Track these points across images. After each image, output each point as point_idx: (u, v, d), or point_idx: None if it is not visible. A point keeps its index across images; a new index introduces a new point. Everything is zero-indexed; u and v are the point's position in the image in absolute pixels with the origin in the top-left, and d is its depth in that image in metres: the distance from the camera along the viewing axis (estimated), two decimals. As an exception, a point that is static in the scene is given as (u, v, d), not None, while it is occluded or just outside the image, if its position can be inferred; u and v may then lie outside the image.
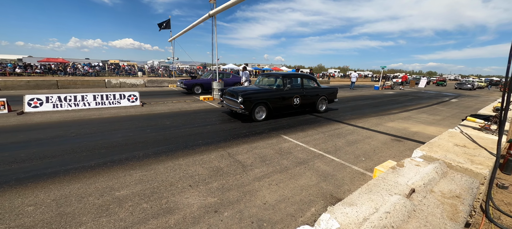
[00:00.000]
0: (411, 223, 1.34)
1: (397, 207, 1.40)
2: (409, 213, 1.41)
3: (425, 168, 2.02)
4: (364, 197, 1.57)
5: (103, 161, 3.35)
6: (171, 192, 2.59)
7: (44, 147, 3.84)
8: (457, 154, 2.33)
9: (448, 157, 2.27)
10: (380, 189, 1.67)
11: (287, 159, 3.62)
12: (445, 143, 2.68)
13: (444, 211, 1.47)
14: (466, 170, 2.05)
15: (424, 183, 1.76)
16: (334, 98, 8.12)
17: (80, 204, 2.32)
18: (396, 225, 1.29)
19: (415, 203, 1.53)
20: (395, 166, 2.10)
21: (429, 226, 1.32)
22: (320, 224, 1.28)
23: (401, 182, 1.79)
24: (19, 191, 2.50)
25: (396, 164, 2.15)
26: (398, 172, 1.97)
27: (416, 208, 1.47)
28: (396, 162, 2.28)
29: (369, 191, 1.65)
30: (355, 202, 1.50)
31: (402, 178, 1.86)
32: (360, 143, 4.59)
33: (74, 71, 29.51)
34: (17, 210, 2.18)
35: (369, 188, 1.68)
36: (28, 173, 2.92)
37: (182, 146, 4.07)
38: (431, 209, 1.48)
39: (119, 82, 15.39)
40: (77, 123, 5.52)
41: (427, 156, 2.35)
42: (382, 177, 1.87)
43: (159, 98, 10.33)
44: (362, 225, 1.26)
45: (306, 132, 5.24)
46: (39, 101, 6.62)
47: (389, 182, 1.78)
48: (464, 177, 1.92)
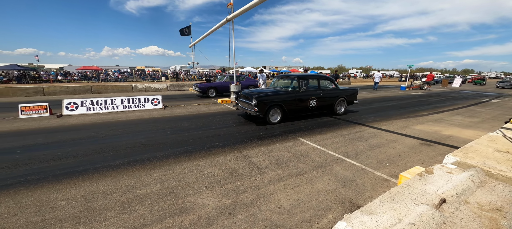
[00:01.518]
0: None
1: (424, 219, 1.26)
2: (439, 226, 1.26)
3: (458, 175, 1.81)
4: (386, 205, 1.44)
5: (127, 160, 3.56)
6: (187, 192, 2.65)
7: (77, 147, 4.21)
8: (499, 161, 2.06)
9: (487, 164, 2.02)
10: (405, 198, 1.53)
11: (303, 163, 3.52)
12: (484, 149, 2.39)
13: (482, 225, 1.30)
14: (510, 180, 1.80)
15: (457, 192, 1.57)
16: (354, 99, 7.75)
17: (105, 200, 2.48)
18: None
19: (445, 215, 1.37)
20: (422, 172, 1.92)
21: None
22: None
23: (430, 191, 1.62)
24: (55, 186, 2.76)
25: (424, 170, 1.97)
26: (426, 180, 1.79)
27: (447, 221, 1.32)
28: (424, 169, 2.08)
29: (391, 199, 1.52)
30: (375, 211, 1.39)
31: (430, 186, 1.69)
32: (383, 147, 4.30)
33: (106, 77, 32.13)
34: (52, 204, 2.41)
35: (391, 196, 1.55)
36: (63, 170, 3.21)
37: (199, 148, 4.17)
38: (465, 222, 1.32)
39: (144, 87, 16.39)
40: (106, 125, 5.97)
41: (462, 162, 2.11)
42: (408, 184, 1.72)
43: (180, 101, 10.77)
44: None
45: (325, 135, 5.06)
46: (75, 105, 7.31)
47: (415, 190, 1.63)
48: (507, 188, 1.68)
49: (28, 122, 6.19)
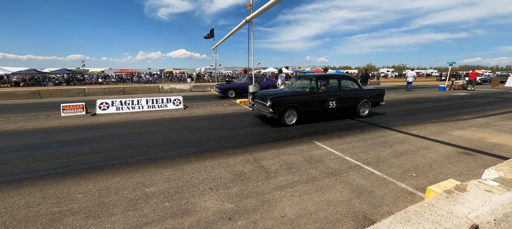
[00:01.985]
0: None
1: (445, 250, 1.02)
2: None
3: (500, 196, 1.47)
4: (398, 228, 1.21)
5: (142, 158, 3.73)
6: (192, 193, 2.65)
7: (102, 144, 4.55)
8: (561, 180, 1.63)
9: (544, 183, 1.61)
10: (424, 220, 1.27)
11: (316, 168, 3.28)
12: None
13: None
14: None
15: (496, 218, 1.26)
16: (379, 101, 7.12)
17: (116, 196, 2.60)
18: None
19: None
20: (452, 189, 1.60)
21: None
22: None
23: (459, 213, 1.33)
24: (76, 180, 2.99)
25: (455, 187, 1.64)
26: (456, 199, 1.48)
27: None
28: (457, 183, 1.74)
29: (406, 220, 1.28)
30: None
31: (460, 207, 1.39)
32: (411, 154, 3.82)
33: (138, 79, 34.85)
34: (71, 196, 2.59)
35: (407, 217, 1.30)
36: (86, 165, 3.47)
37: (211, 148, 4.19)
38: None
39: (170, 88, 17.33)
40: (131, 124, 6.39)
41: (507, 179, 1.73)
42: (430, 203, 1.44)
43: (201, 102, 11.11)
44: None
45: (344, 139, 4.70)
46: (106, 104, 8.00)
47: (440, 211, 1.35)
48: None
49: (67, 120, 6.94)
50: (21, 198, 2.57)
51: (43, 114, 7.92)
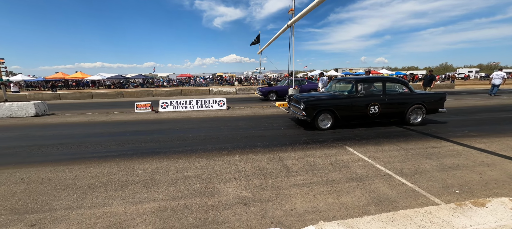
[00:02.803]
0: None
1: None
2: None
3: (522, 215, 1.30)
4: (377, 225, 1.28)
5: (186, 149, 4.47)
6: (219, 180, 3.10)
7: (160, 135, 5.62)
8: None
9: None
10: (410, 224, 1.28)
11: (339, 173, 3.26)
12: None
13: None
14: None
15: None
16: (438, 107, 6.13)
17: (163, 175, 3.29)
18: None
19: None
20: (466, 203, 1.49)
21: None
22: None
23: (457, 224, 1.27)
24: (139, 160, 3.89)
25: (471, 201, 1.51)
26: (464, 211, 1.39)
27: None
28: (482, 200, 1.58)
29: (390, 220, 1.32)
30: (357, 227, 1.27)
31: (463, 219, 1.32)
32: (463, 170, 3.29)
33: (194, 82, 39.41)
34: (134, 171, 3.44)
35: (393, 217, 1.34)
36: (147, 150, 4.43)
37: (242, 145, 4.63)
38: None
39: (218, 90, 19.08)
40: (182, 121, 7.54)
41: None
42: (428, 210, 1.41)
43: (243, 104, 11.90)
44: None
45: (381, 147, 4.37)
46: (166, 104, 9.62)
47: (434, 219, 1.32)
48: None
49: (138, 115, 8.73)
50: (104, 168, 3.58)
51: (123, 110, 10.16)
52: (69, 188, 2.98)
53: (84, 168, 3.60)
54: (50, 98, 16.98)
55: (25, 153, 4.48)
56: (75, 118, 8.38)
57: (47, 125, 7.25)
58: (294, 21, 9.26)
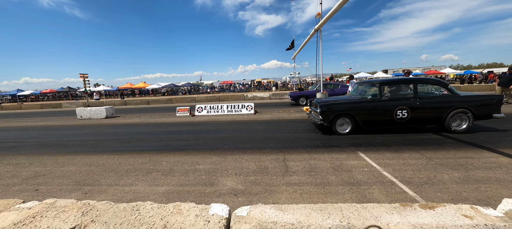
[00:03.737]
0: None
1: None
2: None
3: (471, 221, 1.26)
4: (302, 211, 1.44)
5: (205, 147, 5.09)
6: (222, 174, 3.52)
7: (188, 135, 6.47)
8: None
9: None
10: (337, 212, 1.40)
11: (337, 176, 3.25)
12: None
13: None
14: None
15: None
16: (492, 112, 5.13)
17: (180, 167, 3.92)
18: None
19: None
20: (414, 205, 1.48)
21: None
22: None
23: (382, 220, 1.33)
24: (166, 154, 4.68)
25: (422, 204, 1.49)
26: (404, 210, 1.41)
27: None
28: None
29: (320, 209, 1.46)
30: (286, 210, 1.47)
31: (394, 217, 1.35)
32: (493, 184, 2.82)
33: (233, 89, 41.75)
34: (159, 162, 4.19)
35: (323, 207, 1.47)
36: (174, 147, 5.24)
37: (254, 146, 4.96)
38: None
39: (252, 96, 19.89)
40: (211, 123, 8.37)
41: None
42: (364, 206, 1.47)
43: (272, 108, 12.20)
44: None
45: (399, 154, 4.03)
46: (201, 108, 10.77)
47: (363, 213, 1.40)
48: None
49: (178, 118, 10.07)
50: (140, 159, 4.47)
51: (168, 114, 11.84)
52: (113, 171, 3.90)
53: (127, 158, 4.58)
54: (119, 104, 20.98)
55: (93, 144, 5.91)
56: (131, 120, 10.28)
57: (111, 125, 9.18)
58: (320, 25, 9.16)
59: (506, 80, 9.44)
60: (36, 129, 9.20)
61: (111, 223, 1.41)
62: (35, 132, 8.45)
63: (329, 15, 7.84)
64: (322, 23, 8.83)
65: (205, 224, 1.37)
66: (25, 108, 23.42)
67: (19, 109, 23.08)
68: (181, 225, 1.36)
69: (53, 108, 22.48)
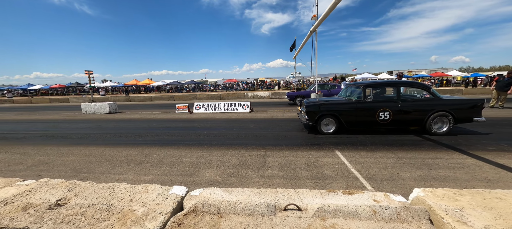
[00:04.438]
0: None
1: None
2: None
3: (362, 203, 1.54)
4: (245, 193, 1.75)
5: (195, 143, 5.43)
6: (204, 166, 3.85)
7: (182, 131, 6.84)
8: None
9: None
10: (265, 194, 1.69)
11: (308, 171, 3.53)
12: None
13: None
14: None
15: (308, 208, 1.47)
16: (472, 116, 5.28)
17: (168, 159, 4.27)
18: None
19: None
20: (337, 191, 1.77)
21: None
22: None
23: (306, 201, 1.61)
24: (158, 148, 5.04)
25: (345, 191, 1.78)
26: (325, 195, 1.69)
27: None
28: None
29: (253, 193, 1.76)
30: (233, 192, 1.78)
31: (317, 199, 1.64)
32: (449, 182, 3.05)
33: (236, 87, 42.14)
34: (151, 155, 4.55)
35: (259, 191, 1.77)
36: (167, 141, 5.60)
37: (240, 143, 5.27)
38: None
39: (253, 95, 20.19)
40: (207, 120, 8.72)
41: (418, 197, 1.62)
42: (296, 191, 1.76)
43: (269, 108, 12.47)
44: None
45: (373, 153, 4.27)
46: (199, 106, 11.15)
47: (292, 196, 1.69)
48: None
49: (176, 115, 10.47)
50: (134, 151, 4.84)
51: (168, 110, 12.28)
52: (108, 161, 4.28)
53: (122, 150, 4.97)
54: (123, 100, 21.64)
55: (93, 137, 6.34)
56: (132, 116, 10.74)
57: (113, 120, 9.65)
58: (315, 27, 9.35)
59: (504, 84, 9.41)
60: (43, 122, 9.77)
61: (89, 197, 1.75)
62: (42, 124, 9.00)
63: (323, 17, 8.04)
64: (316, 24, 9.03)
65: (163, 200, 1.69)
66: (34, 102, 24.39)
67: (29, 103, 24.07)
68: (144, 200, 1.69)
69: (61, 102, 23.35)
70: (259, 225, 1.36)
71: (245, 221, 1.40)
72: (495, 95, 9.65)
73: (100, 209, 1.59)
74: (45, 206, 1.63)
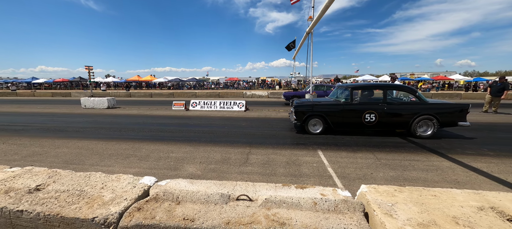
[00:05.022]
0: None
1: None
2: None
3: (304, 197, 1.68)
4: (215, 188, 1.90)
5: (184, 139, 5.60)
6: (188, 161, 4.02)
7: (174, 127, 7.01)
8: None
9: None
10: (226, 186, 1.85)
11: (286, 169, 3.68)
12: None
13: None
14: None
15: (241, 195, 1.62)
16: (457, 120, 5.39)
17: (156, 154, 4.44)
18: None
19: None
20: (291, 185, 1.91)
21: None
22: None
23: (259, 193, 1.77)
24: (147, 143, 5.22)
25: (298, 185, 1.92)
26: (276, 188, 1.84)
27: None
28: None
29: (219, 184, 1.91)
30: (193, 182, 1.93)
31: (264, 191, 1.79)
32: (416, 183, 3.18)
33: (237, 86, 42.29)
34: (140, 149, 4.73)
35: (221, 184, 1.92)
36: (158, 137, 5.78)
37: (229, 140, 5.43)
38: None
39: (251, 94, 20.34)
40: (201, 118, 8.90)
41: (362, 192, 1.75)
42: (253, 184, 1.91)
43: (265, 107, 12.61)
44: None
45: (354, 153, 4.40)
46: (195, 103, 11.33)
47: (248, 188, 1.84)
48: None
49: (173, 112, 10.67)
50: (124, 145, 5.02)
51: (165, 107, 12.48)
52: (98, 154, 4.47)
53: (113, 144, 5.16)
54: (124, 95, 21.94)
55: (88, 131, 6.55)
56: (130, 111, 10.96)
57: (110, 115, 9.88)
58: (311, 28, 9.46)
59: (497, 90, 9.46)
60: (43, 115, 10.02)
61: (66, 183, 1.92)
62: (41, 118, 9.25)
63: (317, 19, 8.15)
64: (311, 26, 9.15)
65: (131, 188, 1.85)
66: (37, 96, 24.81)
67: (32, 96, 24.49)
68: (114, 187, 1.86)
69: (63, 96, 23.73)
70: (209, 211, 1.52)
71: (198, 208, 1.56)
72: (489, 101, 9.70)
73: (73, 194, 1.76)
74: (25, 190, 1.81)
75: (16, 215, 1.56)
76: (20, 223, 1.57)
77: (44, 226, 1.54)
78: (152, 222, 1.43)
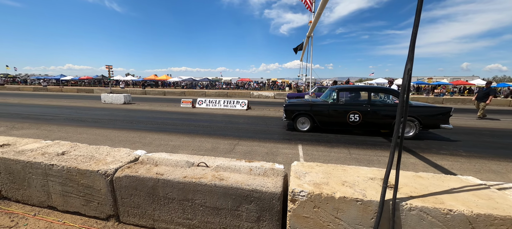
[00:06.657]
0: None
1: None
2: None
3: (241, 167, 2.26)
4: (177, 156, 2.54)
5: (184, 131, 6.34)
6: (183, 149, 4.72)
7: (179, 121, 7.81)
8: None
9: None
10: (210, 160, 2.48)
11: (263, 157, 4.25)
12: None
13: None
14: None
15: (219, 166, 2.22)
16: (439, 123, 5.62)
17: (158, 142, 5.20)
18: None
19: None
20: (248, 160, 2.49)
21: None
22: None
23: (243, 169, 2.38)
24: (153, 134, 6.01)
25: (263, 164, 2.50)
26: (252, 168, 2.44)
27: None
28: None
29: (191, 157, 2.54)
30: (172, 154, 2.58)
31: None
32: (373, 173, 3.60)
33: (248, 86, 43.09)
34: (144, 138, 5.53)
35: (192, 156, 2.55)
36: (163, 128, 6.57)
37: (222, 134, 6.08)
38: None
39: (258, 94, 20.95)
40: (204, 114, 9.66)
41: (295, 169, 2.29)
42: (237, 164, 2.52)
43: (268, 107, 13.16)
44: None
45: (331, 149, 4.86)
46: (201, 101, 12.17)
47: (231, 164, 2.45)
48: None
49: (181, 108, 11.57)
50: (133, 134, 5.86)
51: (174, 104, 13.47)
52: (110, 140, 5.32)
53: (125, 133, 6.02)
54: (140, 93, 23.51)
55: (105, 122, 7.53)
56: (143, 107, 12.04)
57: (125, 109, 10.97)
58: (310, 31, 9.89)
59: (482, 95, 9.47)
60: (68, 108, 11.36)
61: (82, 151, 2.66)
62: (67, 110, 10.54)
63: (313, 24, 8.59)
64: (310, 30, 9.58)
65: (127, 156, 2.54)
66: (64, 91, 27.27)
67: (60, 92, 26.97)
68: (115, 155, 2.56)
69: (86, 92, 25.89)
70: (176, 171, 2.15)
71: (168, 169, 2.20)
72: (476, 106, 9.69)
73: (87, 157, 2.48)
74: (54, 154, 2.56)
75: (49, 167, 2.30)
76: (52, 173, 2.31)
77: (67, 175, 2.26)
78: (136, 174, 2.10)
